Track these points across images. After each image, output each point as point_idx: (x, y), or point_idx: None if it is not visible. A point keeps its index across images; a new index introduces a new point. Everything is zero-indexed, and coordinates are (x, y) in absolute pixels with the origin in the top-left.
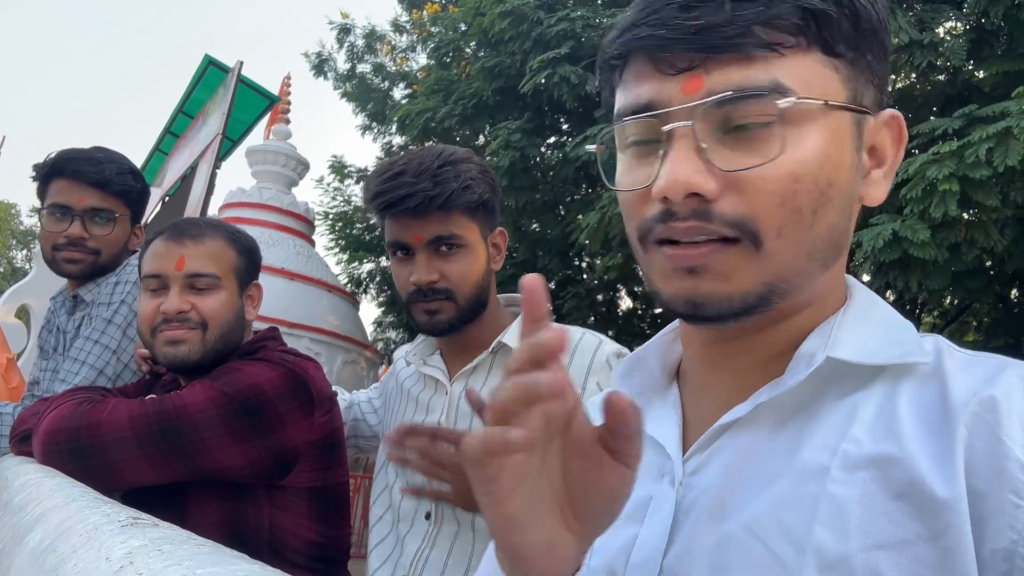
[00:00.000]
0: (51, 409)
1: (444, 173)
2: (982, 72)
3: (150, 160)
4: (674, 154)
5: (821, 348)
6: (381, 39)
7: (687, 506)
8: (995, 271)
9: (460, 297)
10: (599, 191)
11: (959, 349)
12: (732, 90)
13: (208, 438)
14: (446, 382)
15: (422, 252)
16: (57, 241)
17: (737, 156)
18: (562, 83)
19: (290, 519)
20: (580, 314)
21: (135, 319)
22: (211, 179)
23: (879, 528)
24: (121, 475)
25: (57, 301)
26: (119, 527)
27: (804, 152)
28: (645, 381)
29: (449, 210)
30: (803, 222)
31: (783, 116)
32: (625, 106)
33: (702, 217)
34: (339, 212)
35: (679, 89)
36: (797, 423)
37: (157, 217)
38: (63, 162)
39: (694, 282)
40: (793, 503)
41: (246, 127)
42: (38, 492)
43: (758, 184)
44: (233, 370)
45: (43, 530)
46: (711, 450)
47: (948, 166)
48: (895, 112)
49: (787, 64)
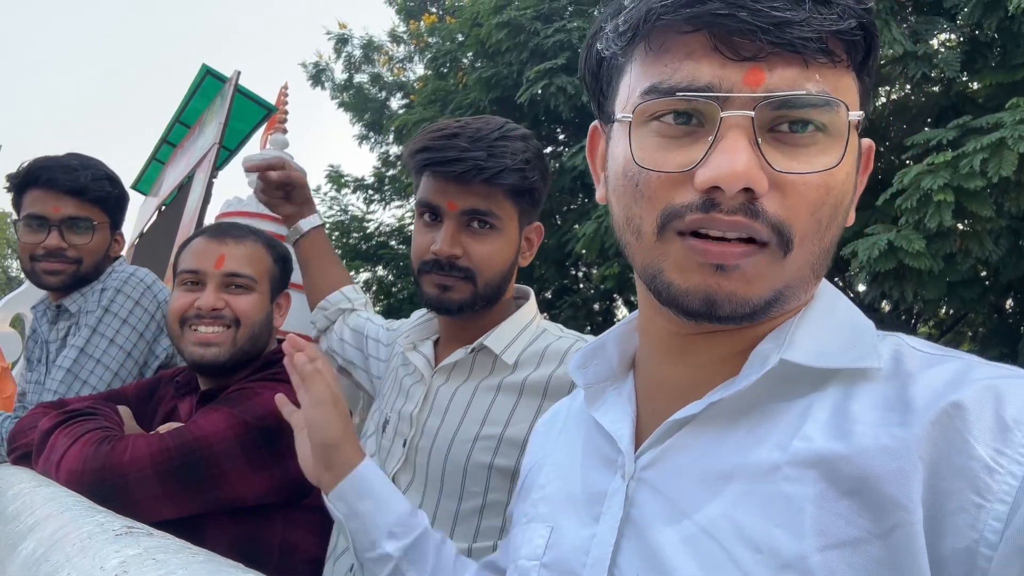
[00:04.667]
0: (67, 443)
1: (500, 147)
2: (976, 83)
3: (147, 169)
4: (731, 144)
5: (776, 349)
6: (378, 49)
7: (640, 501)
8: (990, 281)
9: (480, 281)
10: (595, 201)
11: (920, 346)
12: (796, 91)
13: (228, 470)
14: (427, 374)
15: (452, 221)
16: (35, 252)
17: (786, 159)
18: (559, 93)
19: (300, 535)
20: (577, 323)
21: (122, 326)
22: (208, 188)
23: (833, 527)
24: (141, 512)
25: (38, 310)
26: (113, 536)
27: (840, 166)
28: (601, 371)
29: (494, 186)
30: (819, 234)
31: (830, 127)
32: (674, 81)
33: (750, 213)
34: (336, 221)
35: (741, 78)
36: (750, 422)
37: (154, 226)
38: (37, 171)
39: (719, 280)
40: (747, 503)
41: (243, 136)
42: (31, 501)
43: (800, 190)
44: (251, 394)
45: (37, 539)
46: (664, 447)
47: (943, 177)
48: (871, 143)
49: (835, 76)
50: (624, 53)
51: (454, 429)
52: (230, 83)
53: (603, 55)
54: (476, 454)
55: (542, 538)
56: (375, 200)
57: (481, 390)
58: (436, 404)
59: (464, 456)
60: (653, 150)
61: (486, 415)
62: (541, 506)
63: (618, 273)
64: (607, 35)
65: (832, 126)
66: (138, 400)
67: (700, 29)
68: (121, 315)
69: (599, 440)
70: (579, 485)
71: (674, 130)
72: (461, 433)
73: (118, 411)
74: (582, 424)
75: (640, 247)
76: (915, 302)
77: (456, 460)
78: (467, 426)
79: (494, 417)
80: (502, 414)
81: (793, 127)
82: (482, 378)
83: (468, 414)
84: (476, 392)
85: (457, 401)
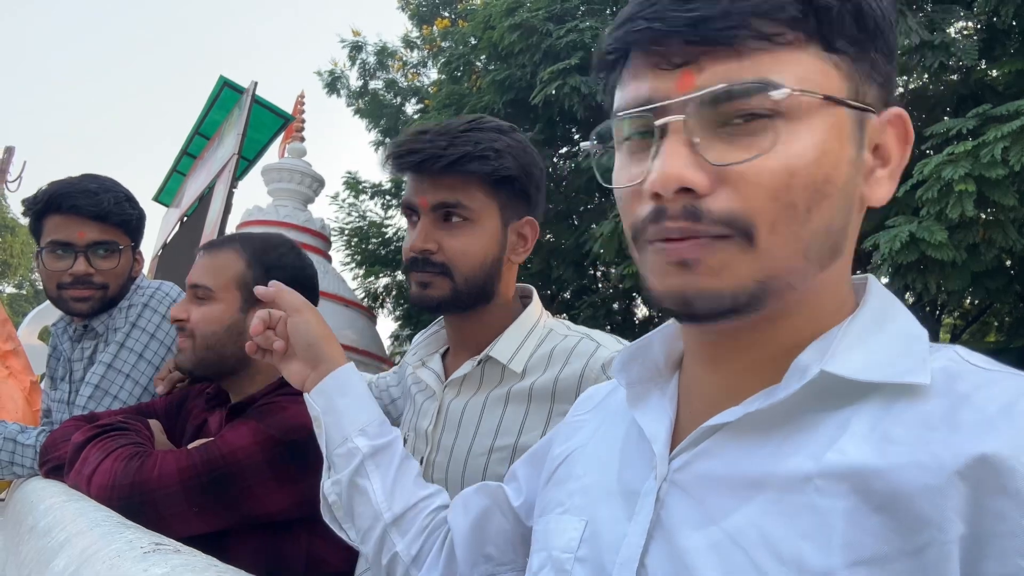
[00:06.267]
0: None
1: (464, 136)
2: (995, 71)
3: (168, 181)
4: (666, 148)
5: (817, 360)
6: (392, 55)
7: (670, 504)
8: (1015, 271)
9: (457, 276)
10: (612, 200)
11: (976, 361)
12: (719, 84)
13: (254, 485)
14: (437, 389)
15: (426, 217)
16: (62, 280)
17: (730, 151)
18: (572, 93)
19: (327, 549)
20: (596, 323)
21: (150, 341)
22: (228, 198)
23: (863, 543)
24: (169, 528)
25: (58, 328)
26: (141, 554)
27: (800, 146)
28: (645, 371)
29: (462, 176)
30: (797, 218)
31: (777, 110)
32: (623, 102)
33: (692, 217)
34: (355, 227)
35: (674, 84)
36: (786, 431)
37: (176, 238)
38: (58, 197)
39: (686, 277)
40: (776, 513)
41: (261, 146)
42: (63, 516)
43: (750, 179)
44: (278, 409)
45: (68, 556)
46: (697, 451)
47: (964, 166)
48: (900, 110)
49: (783, 58)
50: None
51: (468, 443)
52: (247, 94)
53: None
54: (493, 466)
55: (576, 531)
56: (392, 205)
57: (492, 401)
58: (449, 419)
59: (481, 469)
60: (622, 168)
61: (498, 426)
62: (577, 497)
63: (636, 272)
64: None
65: (787, 107)
66: (167, 414)
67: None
68: (149, 330)
69: (639, 438)
70: (616, 481)
71: (638, 145)
72: (476, 447)
73: (149, 425)
74: (624, 419)
75: (636, 261)
76: (939, 294)
77: (473, 474)
78: (481, 439)
79: (506, 428)
80: (514, 424)
81: (745, 119)
82: (491, 388)
83: (481, 427)
84: (487, 404)
85: (469, 415)
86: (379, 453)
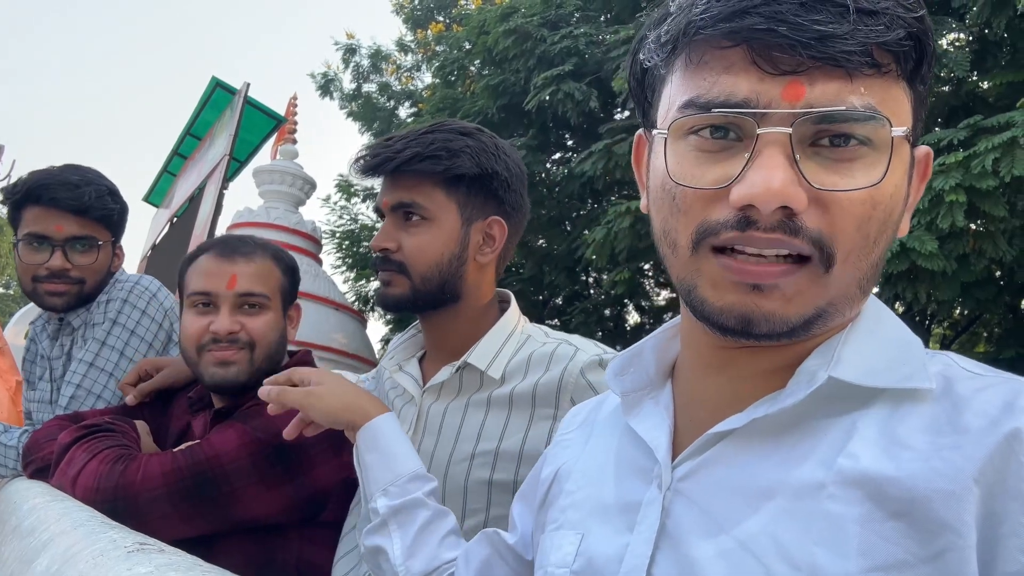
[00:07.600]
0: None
1: (421, 139)
2: (986, 83)
3: (158, 182)
4: (767, 160)
5: (823, 366)
6: (386, 59)
7: (676, 513)
8: (1005, 281)
9: (414, 274)
10: (605, 206)
11: (967, 365)
12: (837, 106)
13: (240, 489)
14: (416, 394)
15: (388, 217)
16: (37, 273)
17: (827, 174)
18: (566, 99)
19: (319, 553)
20: (587, 329)
21: (131, 338)
22: (219, 199)
23: (879, 549)
24: (155, 531)
25: (37, 326)
26: (125, 553)
27: (887, 180)
28: (639, 379)
29: (417, 176)
30: (866, 249)
31: (877, 140)
32: (711, 96)
33: (788, 230)
34: (346, 230)
35: (780, 93)
36: (794, 438)
37: (166, 238)
38: (38, 188)
39: (755, 299)
40: (789, 520)
41: (253, 148)
42: (46, 516)
43: (844, 205)
44: (264, 411)
45: (50, 556)
46: (703, 458)
47: (954, 177)
48: (929, 150)
49: (883, 88)
50: (665, 64)
51: (449, 450)
52: (240, 95)
53: (646, 65)
54: (474, 471)
55: (572, 545)
56: None
57: (472, 406)
58: (429, 425)
59: (463, 475)
60: (690, 165)
61: (480, 432)
62: (570, 512)
63: (628, 279)
64: (649, 45)
65: (877, 139)
66: (153, 414)
67: (739, 44)
68: (129, 326)
69: (633, 449)
70: (611, 493)
71: (711, 144)
72: (457, 453)
73: (136, 427)
74: (615, 431)
75: (676, 261)
76: (929, 303)
77: (455, 480)
78: (462, 445)
79: (488, 433)
80: (495, 429)
81: (835, 141)
82: (471, 394)
83: (462, 432)
84: (467, 409)
85: (449, 420)
86: (399, 513)
